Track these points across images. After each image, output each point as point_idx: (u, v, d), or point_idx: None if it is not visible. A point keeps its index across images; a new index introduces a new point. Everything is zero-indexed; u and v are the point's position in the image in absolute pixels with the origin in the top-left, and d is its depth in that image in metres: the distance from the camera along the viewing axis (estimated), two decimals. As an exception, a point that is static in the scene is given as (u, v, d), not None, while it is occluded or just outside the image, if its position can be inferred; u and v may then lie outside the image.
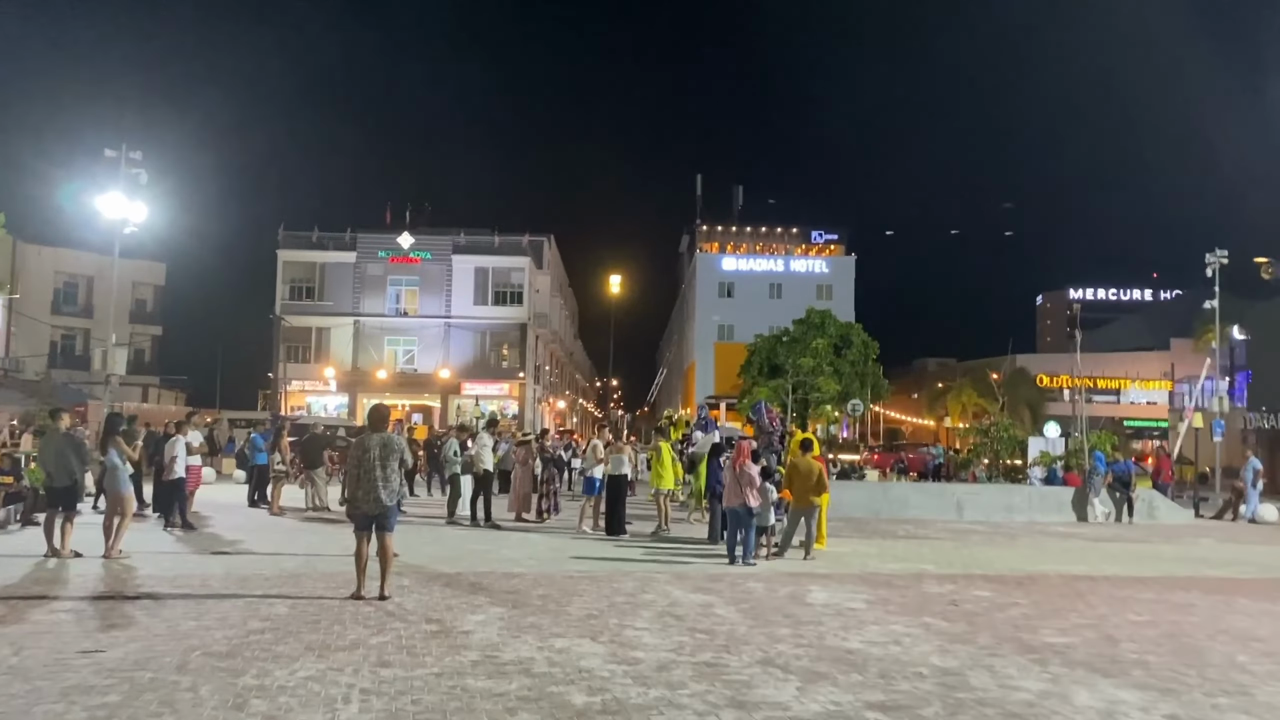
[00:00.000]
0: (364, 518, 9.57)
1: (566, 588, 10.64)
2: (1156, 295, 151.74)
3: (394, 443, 9.67)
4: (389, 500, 9.53)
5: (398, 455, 9.62)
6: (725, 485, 13.27)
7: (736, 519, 13.03)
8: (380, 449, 9.55)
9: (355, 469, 9.56)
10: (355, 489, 9.56)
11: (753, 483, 13.07)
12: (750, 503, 12.93)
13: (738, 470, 13.06)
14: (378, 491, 9.47)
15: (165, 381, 71.88)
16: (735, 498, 12.93)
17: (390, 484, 9.54)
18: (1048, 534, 19.34)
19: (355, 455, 9.63)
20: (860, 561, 13.80)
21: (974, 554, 15.32)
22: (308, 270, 59.66)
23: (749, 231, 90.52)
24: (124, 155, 27.64)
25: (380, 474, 9.49)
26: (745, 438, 17.82)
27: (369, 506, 9.49)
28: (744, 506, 12.93)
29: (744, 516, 12.98)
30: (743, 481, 12.94)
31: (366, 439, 9.68)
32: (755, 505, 12.98)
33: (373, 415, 9.97)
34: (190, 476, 15.95)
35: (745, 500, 12.91)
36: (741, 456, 13.20)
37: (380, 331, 58.99)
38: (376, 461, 9.50)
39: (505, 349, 60.43)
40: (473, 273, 59.58)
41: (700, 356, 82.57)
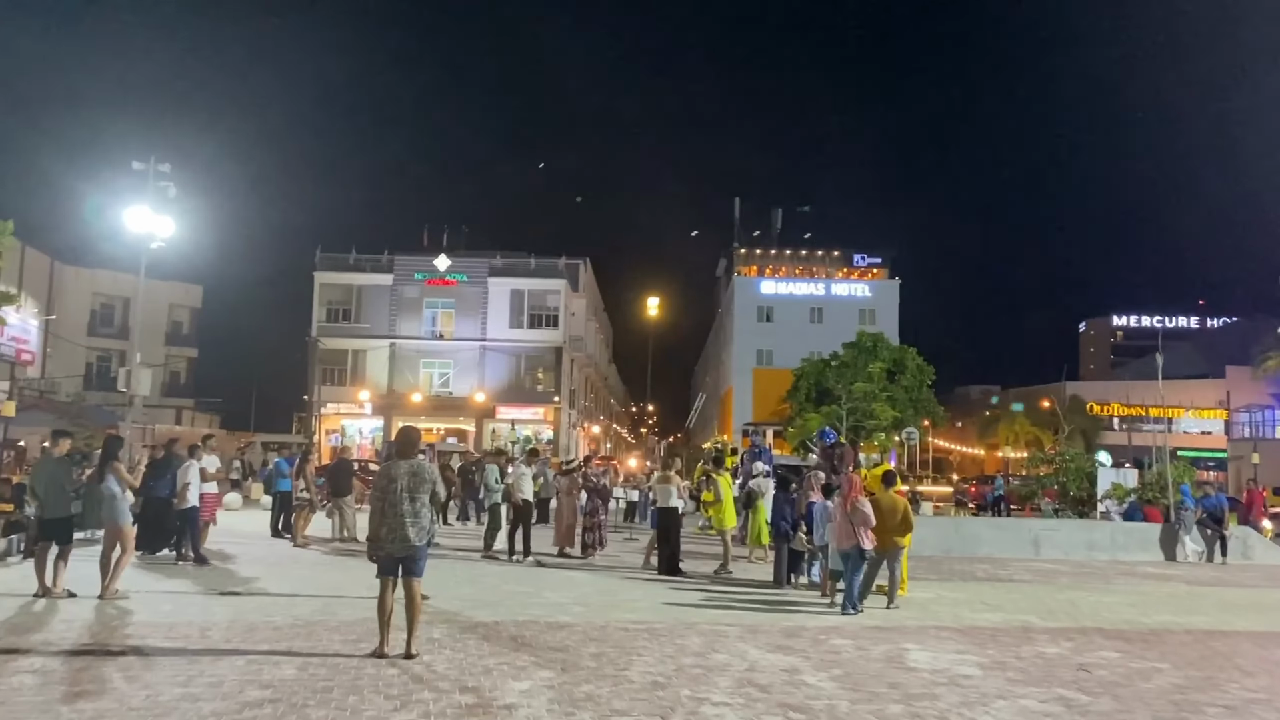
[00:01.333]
0: (389, 560, 8.12)
1: (623, 644, 9.11)
2: (1203, 322, 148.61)
3: (425, 472, 8.24)
4: (418, 539, 8.08)
5: (429, 486, 8.19)
6: (835, 524, 11.70)
7: (846, 563, 11.51)
8: (409, 479, 8.13)
9: (380, 502, 8.14)
10: (379, 526, 8.12)
11: (867, 521, 11.54)
12: (865, 544, 11.42)
13: (849, 507, 11.51)
14: (405, 529, 8.03)
15: (200, 404, 71.33)
16: (848, 539, 11.41)
17: (420, 520, 8.10)
18: (1139, 575, 17.55)
19: (380, 486, 8.20)
20: (951, 611, 12.16)
21: (1072, 601, 13.61)
22: (344, 292, 58.90)
23: (788, 254, 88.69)
24: (152, 168, 26.63)
25: (409, 508, 8.05)
26: (811, 469, 16.27)
27: (395, 547, 8.05)
28: (857, 548, 11.40)
29: (857, 560, 11.47)
30: (856, 520, 11.41)
31: (393, 467, 8.26)
32: (870, 547, 11.47)
33: (401, 439, 8.52)
34: (205, 506, 14.61)
35: (860, 541, 11.39)
36: (854, 491, 11.64)
37: (416, 354, 58.00)
38: (404, 494, 8.07)
39: (540, 373, 59.20)
40: (509, 295, 58.55)
41: (738, 382, 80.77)
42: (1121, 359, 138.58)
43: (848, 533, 11.44)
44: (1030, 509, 35.35)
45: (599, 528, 16.70)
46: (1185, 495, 20.63)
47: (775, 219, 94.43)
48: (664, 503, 14.61)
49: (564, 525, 16.81)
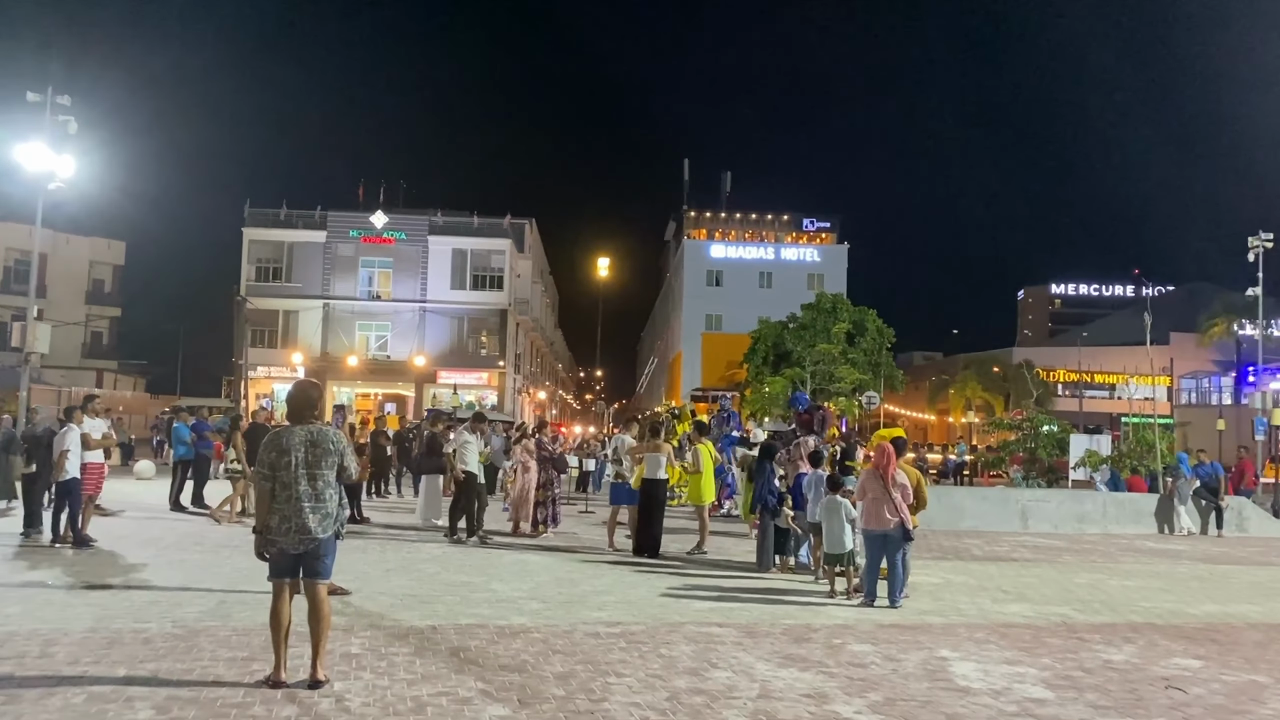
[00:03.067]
0: (284, 558, 6.07)
1: (595, 658, 7.16)
2: (1138, 291, 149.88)
3: (328, 440, 6.19)
4: (322, 530, 6.06)
5: (335, 460, 6.18)
6: (865, 501, 9.82)
7: (882, 546, 9.69)
8: (307, 450, 6.10)
9: (268, 482, 6.08)
10: (267, 514, 6.08)
11: (909, 496, 9.71)
12: (909, 522, 9.60)
13: (889, 479, 9.65)
14: (304, 517, 5.99)
15: (123, 367, 68.04)
16: (889, 515, 9.57)
17: (324, 505, 6.08)
18: (1144, 552, 16.05)
19: (267, 460, 6.12)
20: (970, 601, 10.39)
21: (1096, 586, 11.95)
22: (275, 250, 55.94)
23: (738, 218, 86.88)
24: (50, 100, 23.87)
25: (307, 488, 6.04)
26: (800, 434, 14.47)
27: (291, 541, 6.01)
28: (901, 529, 9.58)
29: (898, 543, 9.65)
30: (894, 493, 9.59)
31: (284, 435, 6.18)
32: (912, 525, 9.66)
33: (293, 399, 6.42)
34: (87, 478, 12.37)
35: (904, 519, 9.56)
36: (890, 462, 9.77)
37: (351, 315, 55.32)
38: (301, 470, 6.04)
39: (484, 336, 56.88)
40: (450, 255, 56.00)
41: (687, 347, 79.07)
42: (1060, 326, 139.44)
43: (885, 509, 9.58)
44: (990, 477, 34.08)
45: (553, 502, 14.67)
46: (1183, 464, 19.19)
47: (725, 182, 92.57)
48: (652, 474, 12.64)
49: (522, 500, 14.78)
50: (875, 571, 9.79)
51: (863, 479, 9.97)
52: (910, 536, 9.70)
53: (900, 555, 9.73)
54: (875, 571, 9.79)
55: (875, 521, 9.67)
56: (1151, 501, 19.70)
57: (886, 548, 9.69)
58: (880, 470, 9.77)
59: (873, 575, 9.79)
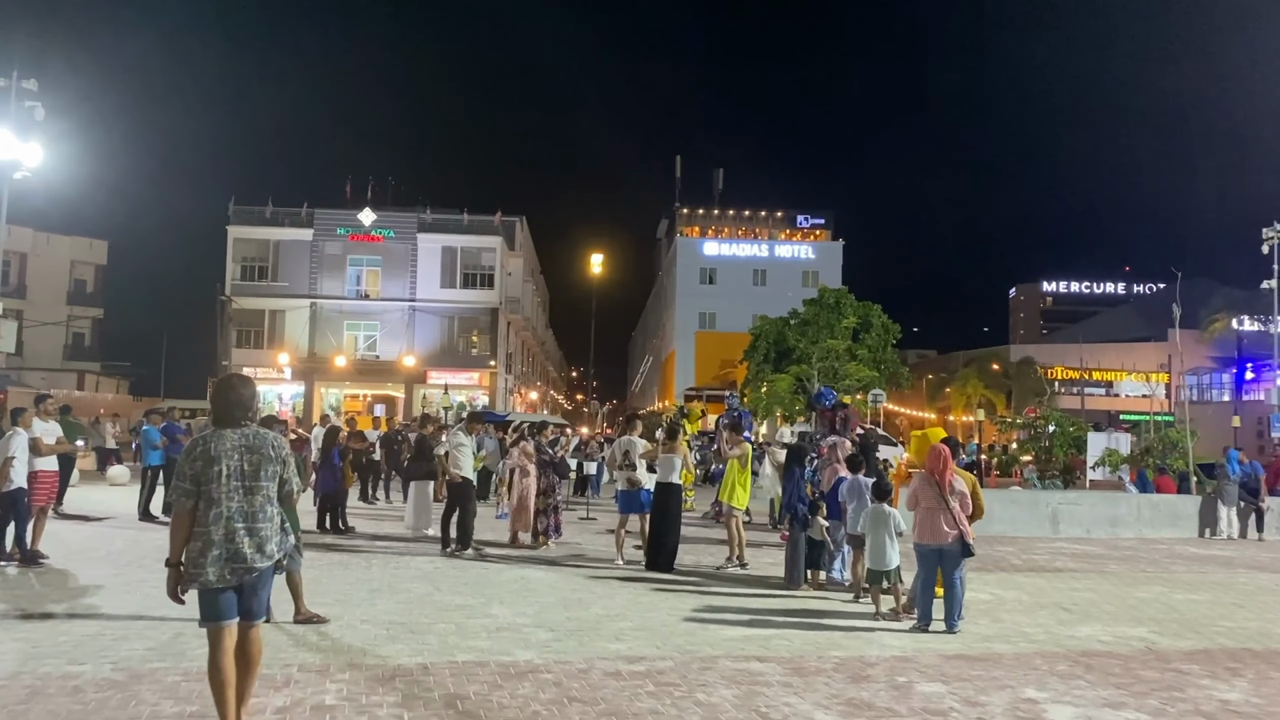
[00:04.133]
0: (213, 595, 4.80)
1: (619, 707, 5.92)
2: (1129, 288, 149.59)
3: (269, 446, 4.97)
4: (261, 558, 4.83)
5: (276, 470, 4.97)
6: (917, 513, 8.62)
7: (938, 563, 8.52)
8: (243, 458, 4.88)
9: (189, 499, 4.81)
10: (185, 540, 4.82)
11: (966, 505, 8.53)
12: (969, 535, 8.41)
13: (946, 486, 8.46)
14: (238, 542, 4.77)
15: (106, 368, 66.56)
16: (947, 527, 8.38)
17: (263, 526, 4.86)
18: (1193, 560, 14.90)
19: (188, 473, 4.84)
20: (1032, 622, 9.19)
21: (1161, 601, 10.78)
22: (260, 248, 54.58)
23: (731, 215, 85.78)
24: (15, 84, 22.55)
25: (243, 505, 4.82)
26: (822, 436, 13.26)
27: (220, 572, 4.76)
28: (961, 544, 8.40)
29: (956, 559, 8.47)
30: (952, 502, 8.41)
31: (213, 440, 4.92)
32: (972, 539, 8.48)
33: (219, 398, 5.09)
34: (37, 488, 11.08)
35: (964, 532, 8.37)
36: (946, 466, 8.58)
37: (339, 315, 53.96)
38: (234, 483, 4.82)
39: (475, 335, 55.55)
40: (440, 253, 54.72)
41: (680, 346, 77.87)
42: (1052, 324, 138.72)
43: (941, 521, 8.39)
44: (996, 478, 32.90)
45: (555, 510, 13.41)
46: (1231, 463, 18.01)
47: (717, 179, 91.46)
48: (666, 478, 11.40)
49: (523, 508, 13.52)
50: (930, 591, 8.59)
51: (914, 486, 8.75)
52: (971, 551, 8.50)
53: (959, 573, 8.54)
54: (930, 591, 8.59)
55: (930, 535, 8.47)
56: (1188, 503, 18.56)
57: (943, 565, 8.50)
58: (935, 476, 8.57)
59: (927, 596, 8.59)
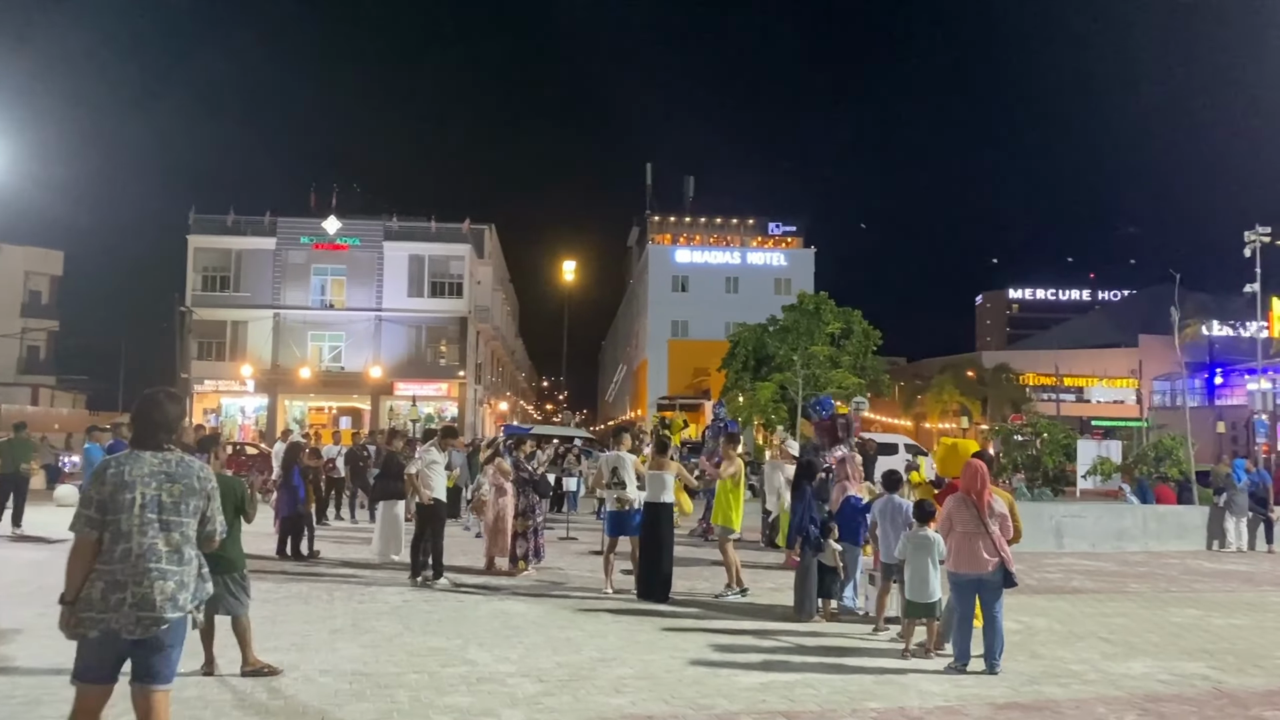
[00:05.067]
0: (106, 647, 3.89)
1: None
2: (1094, 295, 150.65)
3: (193, 476, 4.06)
4: (173, 608, 3.88)
5: (200, 504, 4.05)
6: (952, 538, 7.69)
7: (973, 593, 7.58)
8: (161, 487, 3.95)
9: (93, 529, 3.88)
10: (84, 578, 3.88)
11: (1006, 529, 7.61)
12: (1010, 563, 7.50)
13: (984, 508, 7.53)
14: (148, 585, 3.83)
15: (62, 382, 64.71)
16: (987, 554, 7.48)
17: (180, 570, 3.92)
18: (1209, 574, 14.12)
19: (95, 498, 3.91)
20: (1075, 656, 8.26)
21: (1203, 627, 9.91)
22: (222, 258, 53.24)
23: (703, 223, 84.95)
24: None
25: (160, 543, 3.89)
26: (824, 449, 12.33)
27: (124, 620, 3.82)
28: (1002, 572, 7.48)
29: (995, 590, 7.56)
30: (992, 526, 7.49)
31: (125, 465, 3.98)
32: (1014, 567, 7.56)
33: (140, 414, 4.18)
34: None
35: (1005, 559, 7.44)
36: (984, 485, 7.66)
37: (303, 325, 52.62)
38: (149, 515, 3.89)
39: (443, 345, 54.41)
40: (406, 261, 53.59)
41: (653, 354, 76.93)
42: (1018, 331, 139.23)
43: (978, 548, 7.46)
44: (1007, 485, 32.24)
45: (535, 532, 12.34)
46: (1238, 471, 17.27)
47: (688, 186, 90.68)
48: (656, 497, 10.38)
49: (499, 531, 12.44)
50: (968, 626, 7.64)
51: (948, 509, 7.80)
52: (1013, 580, 7.56)
53: (999, 606, 7.60)
54: (968, 626, 7.64)
55: (968, 562, 7.52)
56: (1194, 514, 17.81)
57: (982, 596, 7.55)
58: (972, 496, 7.63)
59: (965, 631, 7.63)
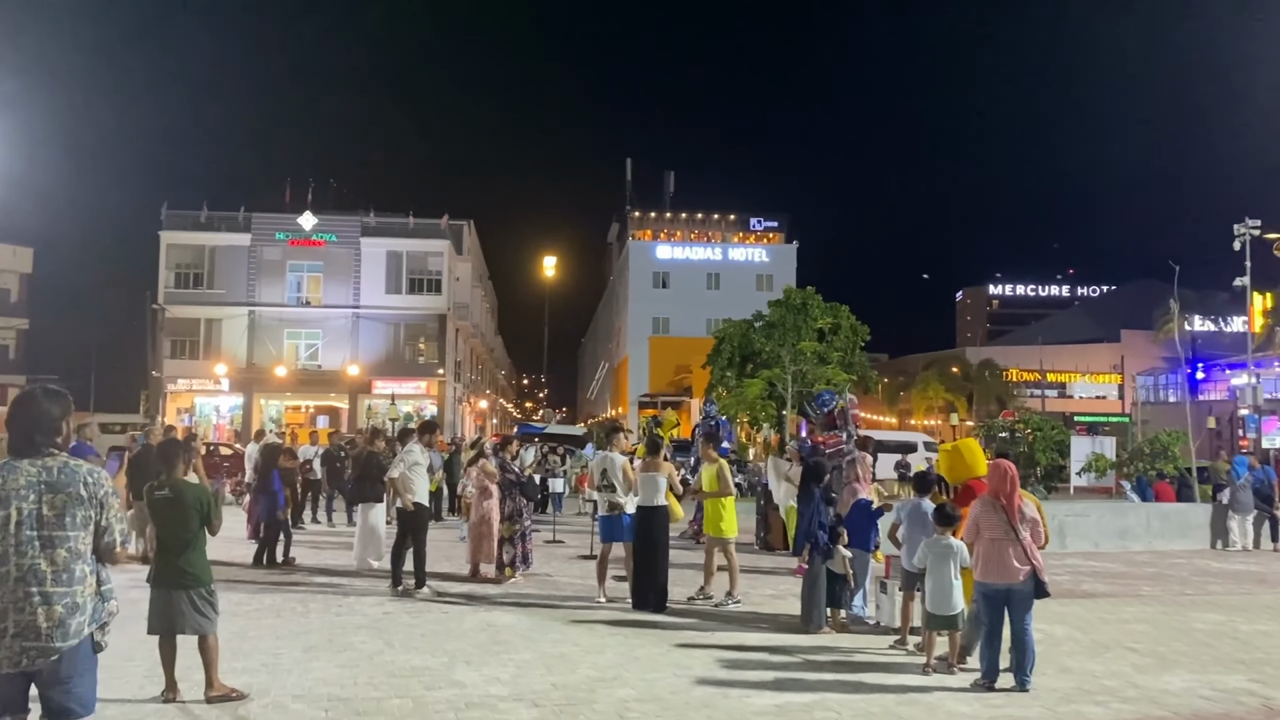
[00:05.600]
0: None
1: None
2: (1073, 291, 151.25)
3: (78, 483, 3.52)
4: (61, 636, 3.35)
5: (90, 515, 3.52)
6: (979, 545, 7.12)
7: (1002, 605, 6.99)
8: (40, 499, 3.42)
9: None
10: None
11: (1038, 535, 7.08)
12: (1043, 572, 6.93)
13: (1014, 513, 6.97)
14: (30, 611, 3.32)
15: (32, 382, 63.30)
16: (1017, 563, 6.92)
17: (68, 591, 3.40)
18: (1219, 575, 13.67)
19: None
20: (1105, 669, 7.71)
21: (1229, 634, 9.39)
22: (195, 254, 52.18)
23: (684, 219, 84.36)
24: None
25: (39, 563, 3.36)
26: (832, 448, 11.76)
27: (6, 654, 3.31)
28: (1034, 581, 6.92)
29: (1025, 601, 6.99)
30: (1023, 532, 6.94)
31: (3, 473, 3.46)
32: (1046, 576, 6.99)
33: (13, 416, 3.59)
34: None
35: (1036, 568, 6.88)
36: (1014, 488, 7.10)
37: (279, 323, 51.68)
38: (27, 533, 3.38)
39: (422, 343, 53.61)
40: (384, 258, 52.67)
41: (634, 351, 76.25)
42: (998, 326, 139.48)
43: (1008, 556, 6.88)
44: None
45: (523, 538, 11.69)
46: (1240, 468, 16.83)
47: (668, 182, 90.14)
48: (648, 501, 9.77)
49: (484, 536, 11.78)
50: (996, 640, 7.05)
51: (975, 513, 7.21)
52: (1045, 590, 6.99)
53: (1029, 618, 7.02)
54: (996, 640, 7.05)
55: (998, 572, 6.94)
56: (1198, 513, 17.36)
57: (1011, 608, 6.97)
58: (1002, 499, 7.05)
59: (994, 645, 7.05)
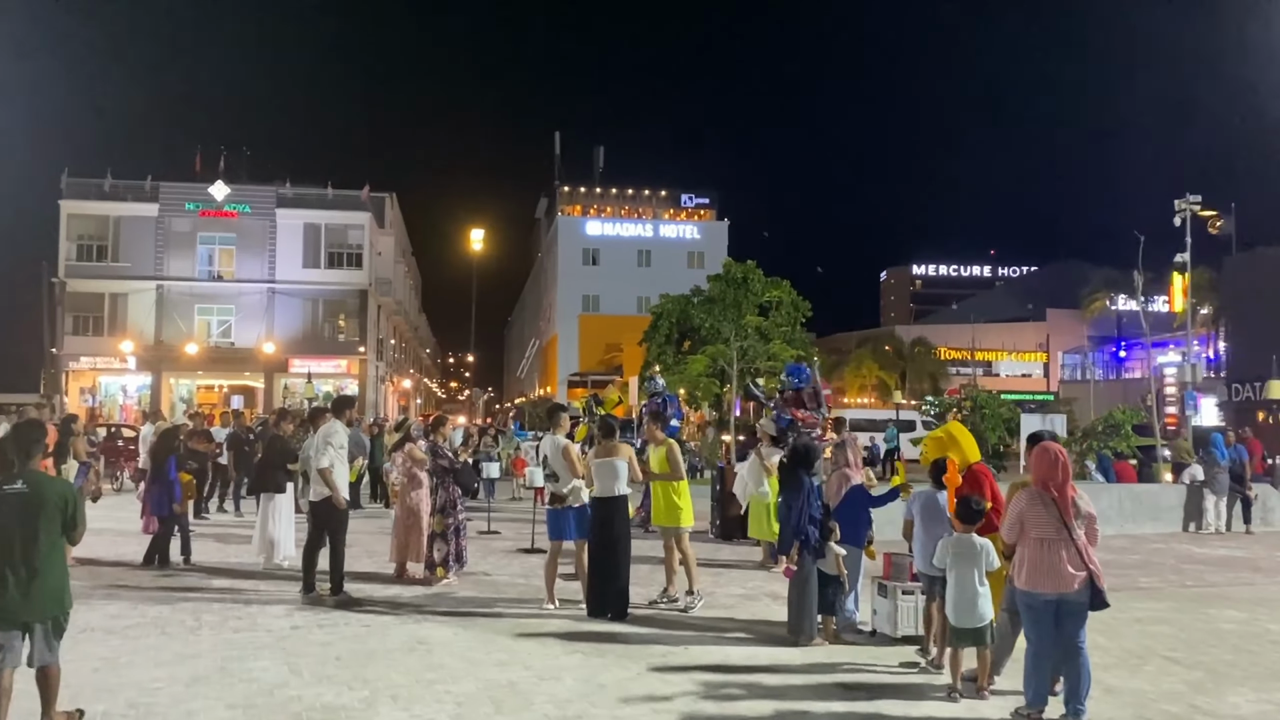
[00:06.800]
0: None
1: None
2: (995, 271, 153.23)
3: None
4: None
5: None
6: (1024, 545, 5.85)
7: (1051, 618, 5.76)
8: None
9: None
10: None
11: (1094, 535, 5.85)
12: (1102, 579, 5.70)
13: (1068, 507, 5.72)
14: None
15: (-81, 360, 59.83)
16: (1072, 568, 5.71)
17: None
18: (1207, 562, 12.78)
19: None
20: (1154, 687, 6.56)
21: (1261, 635, 8.36)
22: (99, 225, 49.34)
23: (614, 194, 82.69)
24: None
25: None
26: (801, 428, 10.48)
27: None
28: (1088, 589, 5.70)
29: (1082, 613, 5.79)
30: (1078, 531, 5.71)
31: None
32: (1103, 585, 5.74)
33: None
34: None
35: (1094, 574, 5.70)
36: (1067, 476, 5.86)
37: (190, 298, 49.15)
38: None
39: (342, 319, 51.49)
40: (301, 230, 50.45)
41: (563, 330, 74.64)
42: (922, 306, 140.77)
43: (1061, 560, 5.65)
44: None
45: (457, 533, 10.15)
46: (1218, 448, 15.98)
47: (598, 157, 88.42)
48: (605, 491, 8.35)
49: (407, 530, 10.25)
50: (1045, 662, 5.80)
51: (1020, 508, 5.92)
52: (1104, 600, 5.76)
53: (1083, 634, 5.79)
54: (1045, 662, 5.80)
55: (1048, 579, 5.68)
56: (1170, 494, 16.51)
57: (1062, 622, 5.72)
58: (1053, 491, 5.79)
59: (1041, 667, 5.80)
